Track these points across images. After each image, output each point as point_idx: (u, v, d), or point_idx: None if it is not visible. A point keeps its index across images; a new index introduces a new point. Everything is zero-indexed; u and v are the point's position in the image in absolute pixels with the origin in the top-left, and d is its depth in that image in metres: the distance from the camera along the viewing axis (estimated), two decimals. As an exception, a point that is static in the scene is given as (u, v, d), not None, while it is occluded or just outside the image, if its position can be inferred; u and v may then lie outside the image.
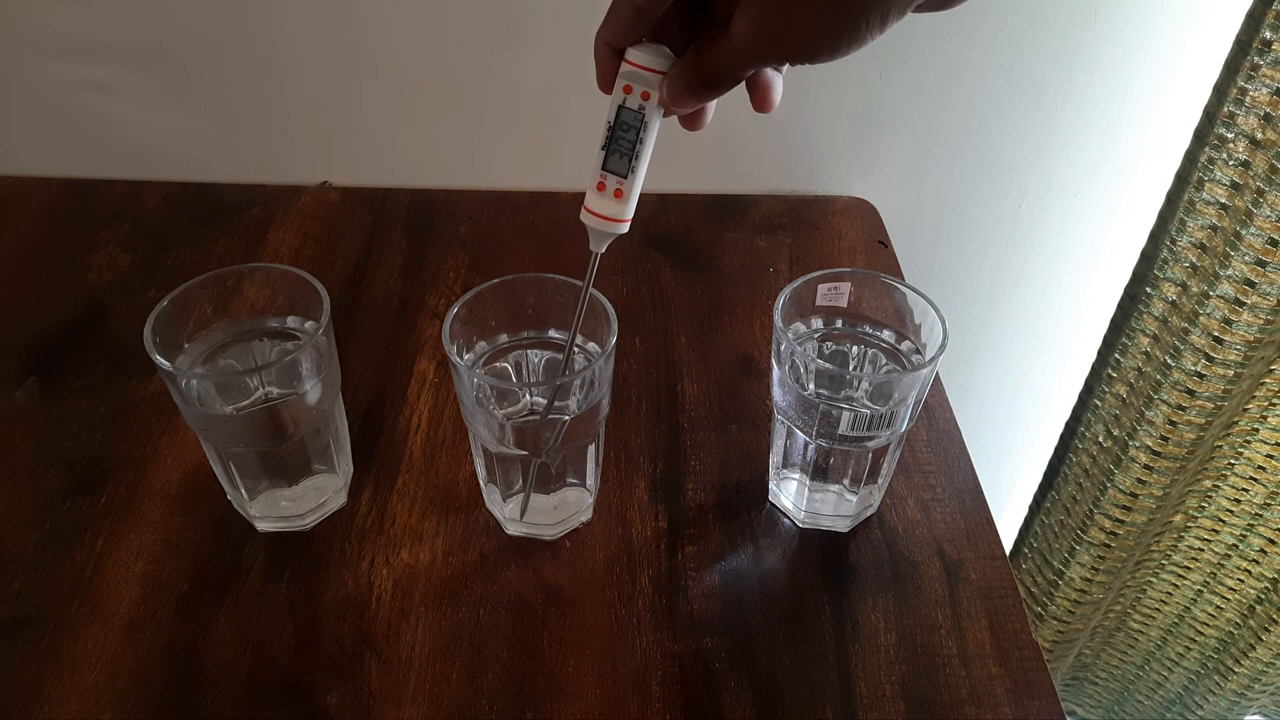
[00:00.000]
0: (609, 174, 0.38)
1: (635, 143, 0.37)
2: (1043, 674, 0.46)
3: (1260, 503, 0.80)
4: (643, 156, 0.38)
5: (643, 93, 0.36)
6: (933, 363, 0.45)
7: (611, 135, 0.37)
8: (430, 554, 0.50)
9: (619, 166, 0.38)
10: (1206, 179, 0.66)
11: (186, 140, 0.74)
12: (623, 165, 0.38)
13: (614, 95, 0.37)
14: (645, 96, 0.36)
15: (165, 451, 0.54)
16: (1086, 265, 0.87)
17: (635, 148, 0.38)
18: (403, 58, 0.70)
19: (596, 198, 0.39)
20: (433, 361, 0.61)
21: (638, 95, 0.37)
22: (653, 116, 0.37)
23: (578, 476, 0.50)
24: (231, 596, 0.48)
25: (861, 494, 0.50)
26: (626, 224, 0.40)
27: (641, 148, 0.38)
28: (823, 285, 0.49)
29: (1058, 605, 0.91)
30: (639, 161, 0.38)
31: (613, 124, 0.37)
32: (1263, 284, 0.65)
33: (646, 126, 0.37)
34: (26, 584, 0.48)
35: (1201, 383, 0.71)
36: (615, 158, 0.38)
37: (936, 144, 0.77)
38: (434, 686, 0.45)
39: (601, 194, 0.39)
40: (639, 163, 0.38)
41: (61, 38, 0.69)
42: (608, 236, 0.40)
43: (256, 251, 0.69)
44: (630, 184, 0.38)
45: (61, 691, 0.44)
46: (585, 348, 0.48)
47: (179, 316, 0.46)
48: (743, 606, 0.48)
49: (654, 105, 0.37)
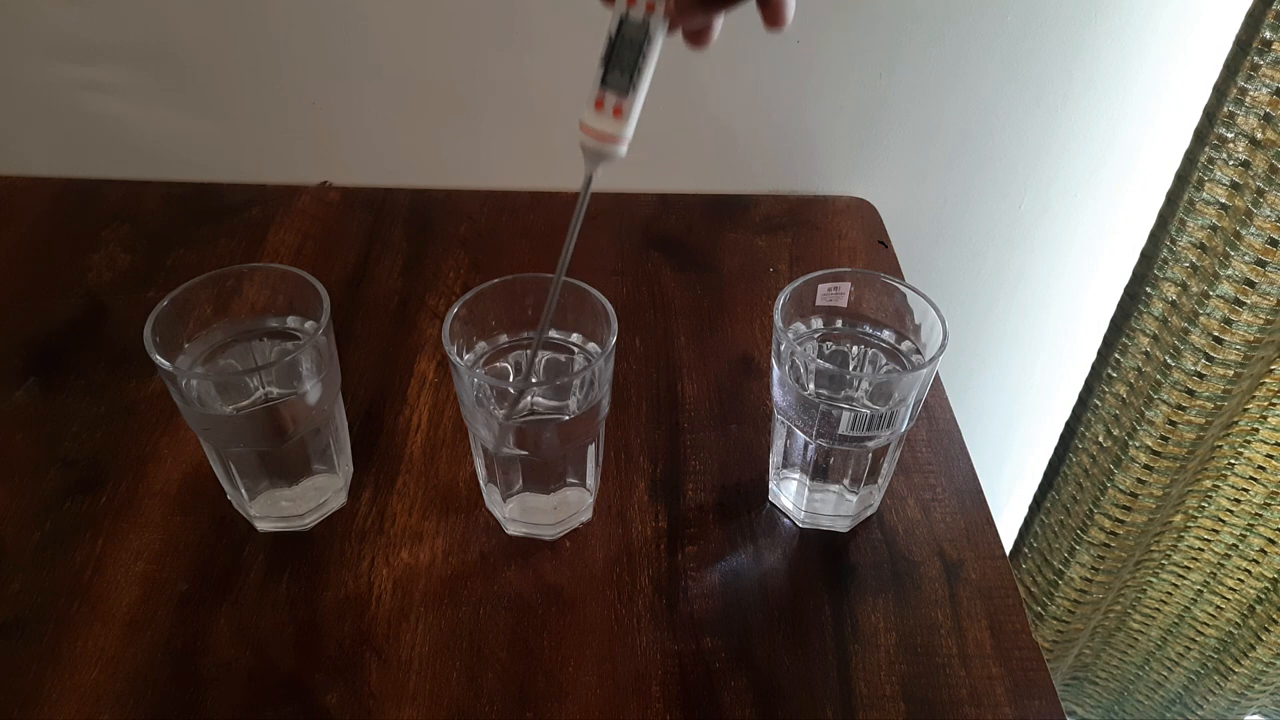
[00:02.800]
0: (608, 90, 0.36)
1: (638, 57, 0.35)
2: (1043, 674, 0.46)
3: (1260, 503, 0.80)
4: (645, 73, 0.35)
5: (647, 3, 0.34)
6: (933, 363, 0.45)
7: (612, 49, 0.35)
8: (430, 554, 0.50)
9: (619, 83, 0.36)
10: (1206, 179, 0.66)
11: (186, 140, 0.74)
12: (623, 82, 0.36)
13: (616, 6, 0.35)
14: (650, 8, 0.34)
15: (165, 451, 0.54)
16: (1086, 265, 0.87)
17: (637, 62, 0.35)
18: (403, 58, 0.70)
19: (594, 115, 0.36)
20: (433, 361, 0.61)
21: (642, 6, 0.34)
22: (657, 30, 0.35)
23: (578, 476, 0.50)
24: (231, 596, 0.48)
25: (861, 494, 0.50)
26: (624, 145, 0.37)
27: (644, 63, 0.35)
28: (823, 285, 0.49)
29: (1058, 605, 0.91)
30: (641, 78, 0.35)
31: (614, 37, 0.35)
32: (1263, 284, 0.65)
33: (650, 40, 0.35)
34: (26, 584, 0.48)
35: (1201, 383, 0.71)
36: (615, 74, 0.35)
37: (936, 144, 0.77)
38: (434, 686, 0.45)
39: (599, 112, 0.36)
40: (641, 79, 0.35)
41: (61, 38, 0.69)
42: (603, 158, 0.37)
43: (256, 251, 0.69)
44: (631, 102, 0.36)
45: (61, 691, 0.44)
46: (585, 348, 0.48)
47: (179, 316, 0.46)
48: (743, 606, 0.48)
49: (659, 17, 0.34)
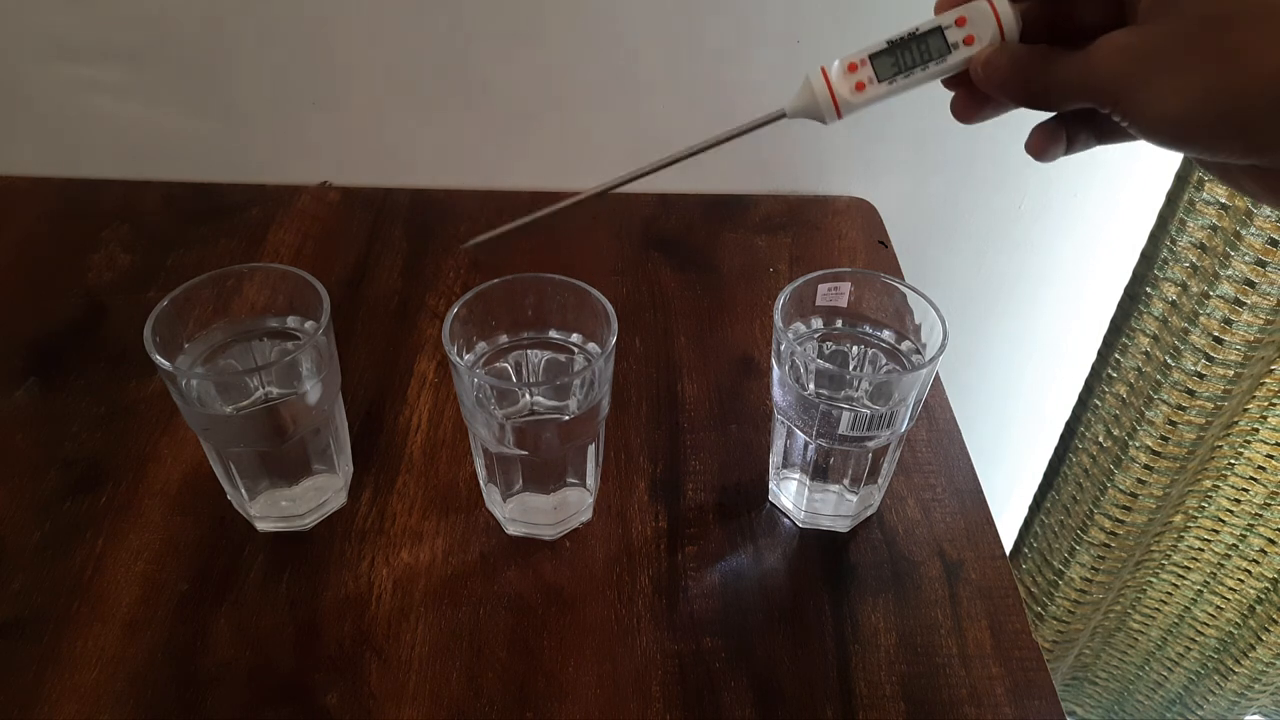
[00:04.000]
0: (872, 65, 0.35)
1: (918, 64, 0.34)
2: (1043, 674, 0.46)
3: (1260, 503, 0.80)
4: (910, 79, 0.35)
5: (968, 36, 0.33)
6: (933, 363, 0.45)
7: (907, 40, 0.34)
8: (430, 554, 0.50)
9: (885, 68, 0.35)
10: (1206, 179, 0.66)
11: (186, 140, 0.74)
12: (889, 70, 0.34)
13: (941, 16, 0.34)
14: (969, 41, 0.33)
15: (165, 451, 0.54)
16: (1086, 265, 0.87)
17: (914, 68, 0.34)
18: (403, 58, 0.70)
19: (841, 73, 0.35)
20: (433, 361, 0.61)
21: (962, 34, 0.33)
22: (955, 60, 0.34)
23: (578, 476, 0.50)
24: (231, 596, 0.48)
25: (861, 494, 0.50)
26: (837, 118, 0.36)
27: (918, 73, 0.34)
28: (823, 285, 0.49)
29: (1058, 605, 0.91)
30: (902, 80, 0.35)
31: (918, 35, 0.34)
32: (1263, 284, 0.65)
33: (941, 62, 0.34)
34: (26, 584, 0.48)
35: (1201, 383, 0.71)
36: (890, 59, 0.34)
37: (936, 144, 0.77)
38: (434, 686, 0.45)
39: (849, 74, 0.35)
40: (901, 81, 0.35)
41: (61, 38, 0.69)
42: (809, 113, 0.36)
43: (256, 251, 0.69)
44: (878, 90, 0.35)
45: (61, 691, 0.44)
46: (585, 348, 0.48)
47: (179, 316, 0.46)
48: (743, 606, 0.48)
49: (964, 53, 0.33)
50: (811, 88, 0.36)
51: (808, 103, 0.36)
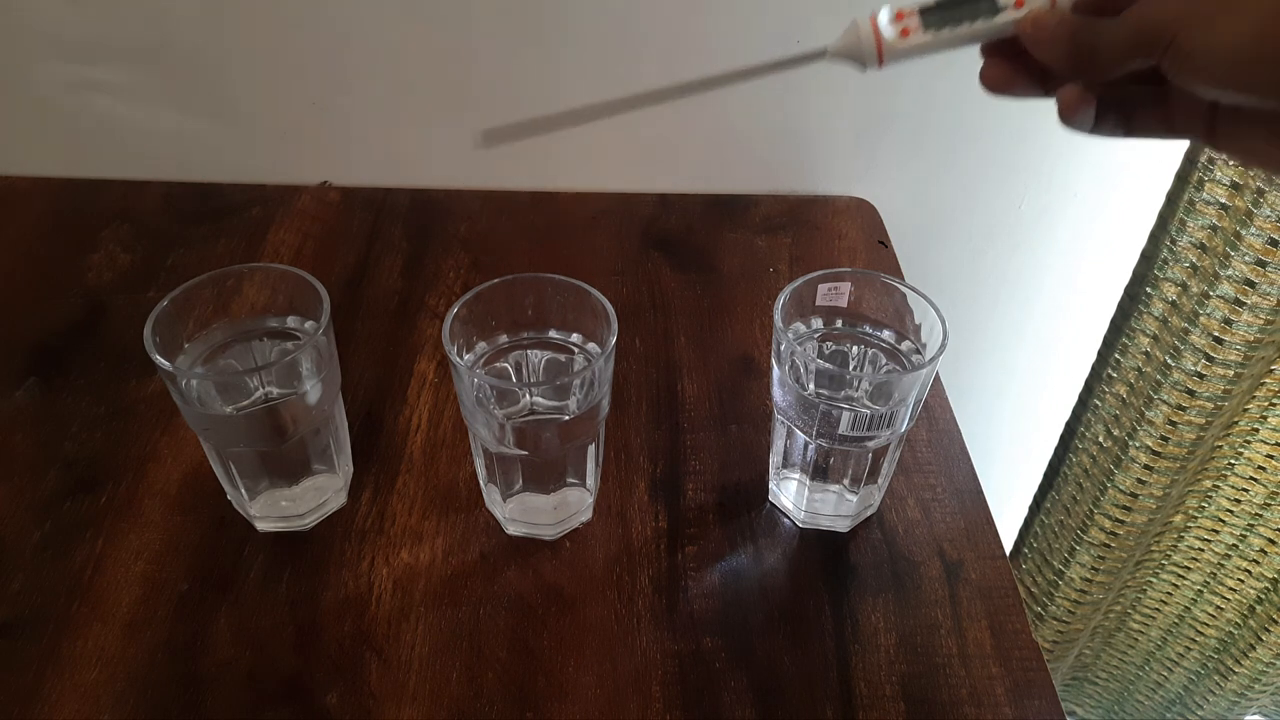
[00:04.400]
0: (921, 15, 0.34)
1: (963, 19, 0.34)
2: (1043, 674, 0.46)
3: (1260, 503, 0.80)
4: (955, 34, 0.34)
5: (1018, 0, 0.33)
6: (933, 363, 0.45)
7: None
8: (430, 554, 0.50)
9: (933, 20, 0.34)
10: (1206, 179, 0.66)
11: (186, 140, 0.74)
12: (936, 21, 0.34)
13: None
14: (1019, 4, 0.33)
15: (165, 451, 0.54)
16: (1086, 265, 0.87)
17: (960, 22, 0.34)
18: (403, 58, 0.70)
19: (888, 19, 0.35)
20: (433, 361, 0.61)
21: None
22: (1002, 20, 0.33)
23: (578, 476, 0.50)
24: (231, 596, 0.48)
25: (861, 494, 0.50)
26: (879, 63, 0.35)
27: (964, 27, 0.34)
28: (823, 285, 0.49)
29: (1058, 605, 0.91)
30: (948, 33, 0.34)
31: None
32: (1263, 284, 0.65)
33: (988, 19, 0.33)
34: (26, 584, 0.48)
35: (1201, 383, 0.71)
36: (938, 12, 0.34)
37: (936, 144, 0.77)
38: (434, 686, 0.45)
39: (895, 21, 0.35)
40: (947, 34, 0.34)
41: (61, 38, 0.69)
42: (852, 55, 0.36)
43: (256, 251, 0.69)
44: (923, 40, 0.34)
45: (61, 691, 0.44)
46: (585, 348, 0.48)
47: (179, 316, 0.46)
48: (743, 606, 0.48)
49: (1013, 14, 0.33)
50: (858, 29, 0.35)
51: (851, 44, 0.36)
